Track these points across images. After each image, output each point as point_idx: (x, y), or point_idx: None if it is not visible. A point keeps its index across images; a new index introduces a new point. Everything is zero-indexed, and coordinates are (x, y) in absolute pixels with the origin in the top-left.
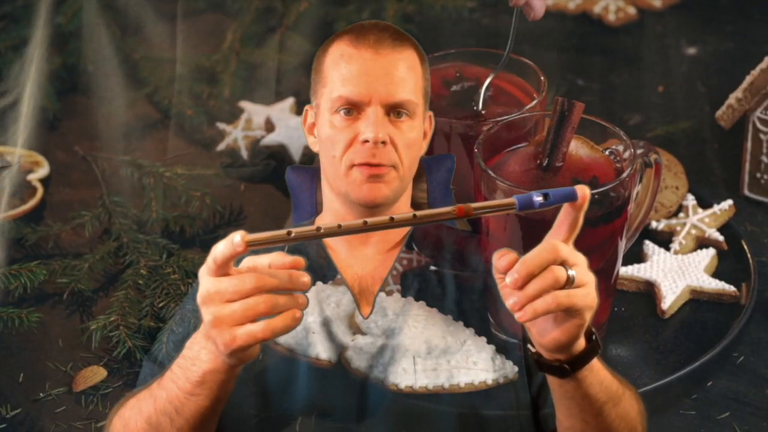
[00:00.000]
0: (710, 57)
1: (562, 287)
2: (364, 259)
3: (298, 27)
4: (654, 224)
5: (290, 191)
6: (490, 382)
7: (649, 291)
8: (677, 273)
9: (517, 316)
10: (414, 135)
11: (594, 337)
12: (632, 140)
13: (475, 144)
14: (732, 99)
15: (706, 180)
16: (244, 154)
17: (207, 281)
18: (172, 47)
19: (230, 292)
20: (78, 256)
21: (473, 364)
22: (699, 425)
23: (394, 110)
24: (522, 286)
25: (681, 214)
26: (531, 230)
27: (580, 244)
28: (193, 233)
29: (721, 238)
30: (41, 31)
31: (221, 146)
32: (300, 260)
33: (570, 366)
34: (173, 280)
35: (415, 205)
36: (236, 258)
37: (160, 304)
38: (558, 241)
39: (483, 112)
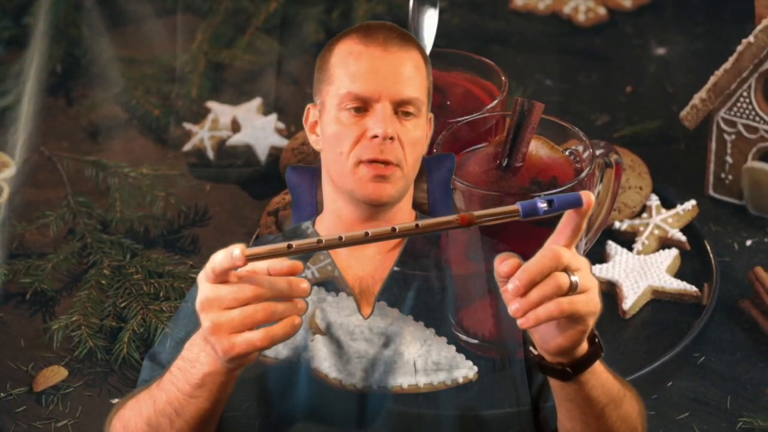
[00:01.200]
0: (679, 57)
1: (565, 293)
2: (364, 259)
3: (267, 27)
4: (617, 224)
5: (290, 191)
6: (449, 382)
7: (611, 291)
8: (639, 273)
9: (520, 322)
10: (418, 134)
11: (596, 340)
12: (592, 140)
13: (434, 144)
14: (696, 99)
15: (671, 180)
16: (211, 154)
17: (206, 288)
18: (141, 48)
19: (229, 299)
20: (42, 256)
21: (433, 365)
22: (659, 425)
23: (402, 108)
24: (524, 293)
25: (644, 215)
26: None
27: (538, 245)
28: (157, 233)
29: (683, 238)
30: (41, 30)
31: (187, 146)
32: (298, 265)
33: (572, 369)
34: (136, 280)
35: (416, 204)
36: (234, 269)
37: (122, 305)
38: (560, 247)
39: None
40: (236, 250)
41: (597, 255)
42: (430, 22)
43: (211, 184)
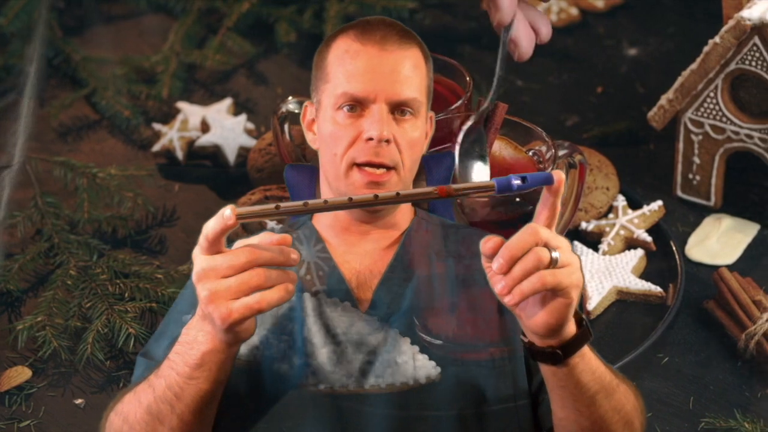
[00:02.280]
0: (650, 58)
1: (547, 268)
2: (362, 254)
3: (238, 28)
4: (584, 225)
5: (288, 189)
6: (411, 383)
7: None
8: (604, 274)
9: (506, 300)
10: (417, 135)
11: (585, 323)
12: (555, 141)
13: None
14: (663, 100)
15: (640, 181)
16: (180, 154)
17: (201, 260)
18: (113, 48)
19: (225, 267)
20: (9, 256)
21: (395, 365)
22: None
23: (399, 108)
24: (507, 270)
25: (611, 215)
26: None
27: None
28: (125, 234)
29: (649, 239)
30: (41, 30)
31: (157, 147)
32: (287, 237)
33: (562, 351)
34: (102, 281)
35: (415, 204)
36: (227, 232)
37: (87, 305)
38: (538, 225)
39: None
40: (227, 211)
41: None
42: (479, 175)
43: (179, 184)
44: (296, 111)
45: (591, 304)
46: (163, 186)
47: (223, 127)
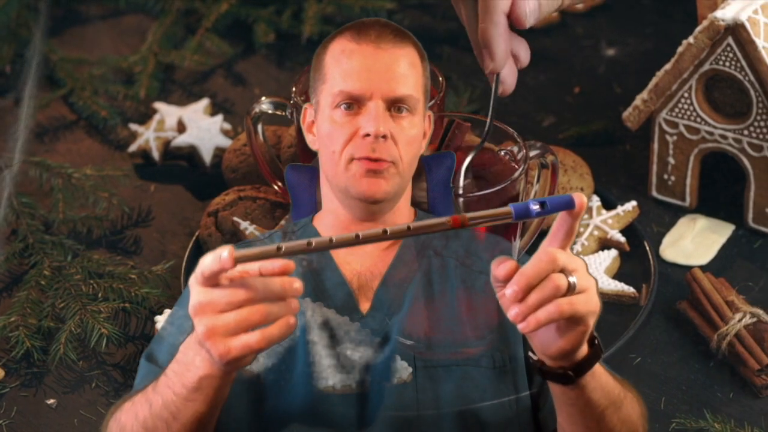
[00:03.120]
0: (628, 58)
1: (564, 295)
2: (362, 255)
3: (217, 28)
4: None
5: (289, 190)
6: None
7: None
8: None
9: (520, 327)
10: (414, 132)
11: (596, 341)
12: (527, 141)
13: None
14: (638, 100)
15: (615, 181)
16: (156, 155)
17: (198, 292)
18: (91, 49)
19: (223, 303)
20: None
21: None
22: None
23: (395, 105)
24: (522, 298)
25: (585, 216)
26: None
27: None
28: (100, 234)
29: (622, 239)
30: (40, 30)
31: (133, 147)
32: (290, 264)
33: (574, 372)
34: (76, 281)
35: (415, 203)
36: (224, 273)
37: (61, 305)
38: (556, 249)
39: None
40: (224, 252)
41: None
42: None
43: (155, 184)
44: (269, 111)
45: None
46: (138, 186)
47: (200, 127)
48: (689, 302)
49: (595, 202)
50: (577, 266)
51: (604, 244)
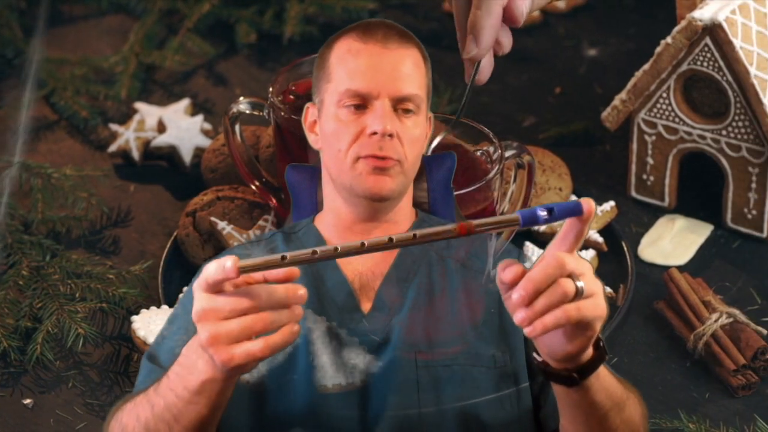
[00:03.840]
0: (610, 58)
1: (571, 300)
2: (364, 255)
3: (199, 29)
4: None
5: (290, 190)
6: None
7: None
8: None
9: (527, 331)
10: (418, 132)
11: (601, 343)
12: (503, 141)
13: None
14: (617, 100)
15: (595, 182)
16: (136, 155)
17: (202, 298)
18: (73, 49)
19: (226, 310)
20: None
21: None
22: None
23: (401, 105)
24: (529, 303)
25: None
26: None
27: None
28: (79, 234)
29: (600, 239)
30: (40, 31)
31: (113, 147)
32: (295, 271)
33: (578, 374)
34: (54, 281)
35: (416, 204)
36: (227, 281)
37: (39, 305)
38: (564, 254)
39: None
40: (228, 262)
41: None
42: None
43: (135, 185)
44: (247, 111)
45: None
46: (118, 186)
47: (180, 127)
48: (666, 302)
49: None
50: (584, 270)
51: (582, 244)
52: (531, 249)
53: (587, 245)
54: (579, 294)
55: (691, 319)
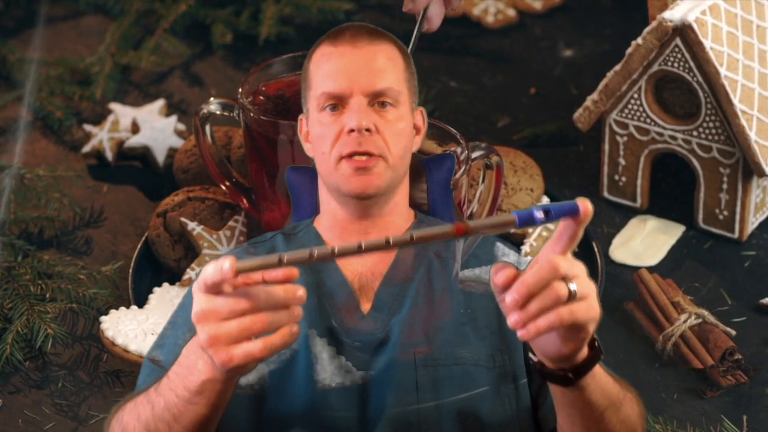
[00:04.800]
0: (585, 59)
1: (565, 303)
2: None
3: (175, 29)
4: None
5: (290, 192)
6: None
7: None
8: None
9: (520, 334)
10: (402, 125)
11: (596, 343)
12: (470, 142)
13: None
14: (588, 101)
15: (568, 182)
16: (109, 155)
17: (201, 299)
18: (50, 49)
19: (225, 311)
20: None
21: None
22: None
23: (378, 99)
24: (523, 306)
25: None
26: None
27: None
28: (51, 234)
29: None
30: (40, 31)
31: (86, 148)
32: (293, 271)
33: (574, 374)
34: (25, 281)
35: (416, 205)
36: (226, 283)
37: (9, 305)
38: (557, 257)
39: None
40: (226, 263)
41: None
42: None
43: (108, 185)
44: (218, 112)
45: None
46: (91, 187)
47: (153, 128)
48: (636, 303)
49: (545, 202)
50: (577, 273)
51: None
52: (501, 249)
53: None
54: (572, 297)
55: (660, 319)
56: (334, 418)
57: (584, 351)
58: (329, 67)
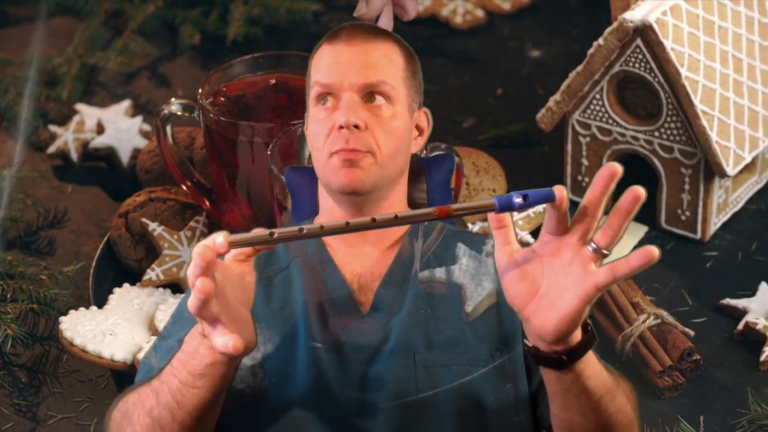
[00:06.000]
0: (553, 60)
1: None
2: (362, 256)
3: (143, 30)
4: (469, 226)
5: (290, 191)
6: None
7: (456, 293)
8: (485, 275)
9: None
10: (395, 123)
11: (589, 328)
12: (430, 143)
13: (272, 146)
14: (551, 101)
15: (533, 183)
16: (74, 156)
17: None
18: (18, 50)
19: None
20: None
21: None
22: None
23: (370, 95)
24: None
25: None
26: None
27: None
28: (15, 235)
29: (532, 240)
30: (40, 31)
31: (52, 148)
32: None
33: (568, 357)
34: None
35: (415, 205)
36: (220, 257)
37: None
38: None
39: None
40: (219, 237)
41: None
42: None
43: (72, 186)
44: (179, 113)
45: (469, 306)
46: (56, 187)
47: (118, 128)
48: (596, 303)
49: None
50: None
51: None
52: (462, 250)
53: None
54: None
55: (620, 320)
56: (333, 416)
57: (578, 334)
58: (323, 62)
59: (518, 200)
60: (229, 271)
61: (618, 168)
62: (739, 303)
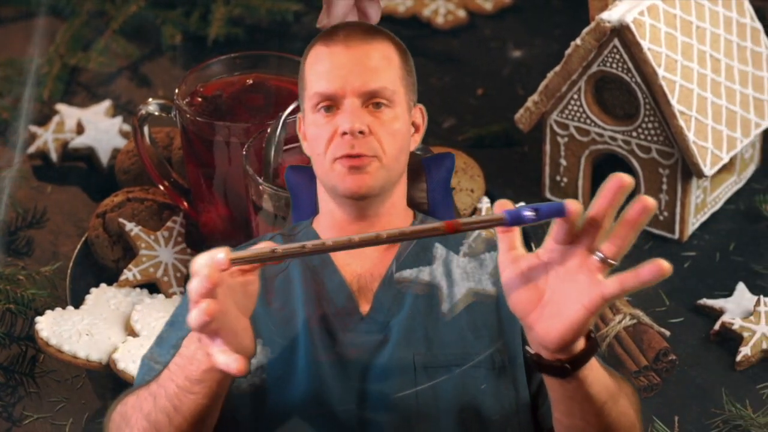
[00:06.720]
0: (534, 60)
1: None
2: (362, 257)
3: (124, 30)
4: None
5: (290, 191)
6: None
7: (432, 293)
8: (461, 275)
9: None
10: (398, 125)
11: (592, 335)
12: None
13: (246, 145)
14: (529, 102)
15: (512, 183)
16: (54, 156)
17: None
18: (2, 50)
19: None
20: None
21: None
22: None
23: (372, 100)
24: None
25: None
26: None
27: None
28: None
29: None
30: (40, 31)
31: (32, 148)
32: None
33: (570, 365)
34: None
35: (415, 205)
36: (221, 272)
37: None
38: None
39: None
40: (220, 254)
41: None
42: None
43: (52, 186)
44: (156, 113)
45: (446, 306)
46: (35, 187)
47: (98, 129)
48: None
49: (485, 203)
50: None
51: (492, 245)
52: (440, 250)
53: (497, 246)
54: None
55: (596, 320)
56: (333, 416)
57: (581, 341)
58: (322, 68)
59: (529, 214)
60: (232, 280)
61: (625, 179)
62: (716, 303)
